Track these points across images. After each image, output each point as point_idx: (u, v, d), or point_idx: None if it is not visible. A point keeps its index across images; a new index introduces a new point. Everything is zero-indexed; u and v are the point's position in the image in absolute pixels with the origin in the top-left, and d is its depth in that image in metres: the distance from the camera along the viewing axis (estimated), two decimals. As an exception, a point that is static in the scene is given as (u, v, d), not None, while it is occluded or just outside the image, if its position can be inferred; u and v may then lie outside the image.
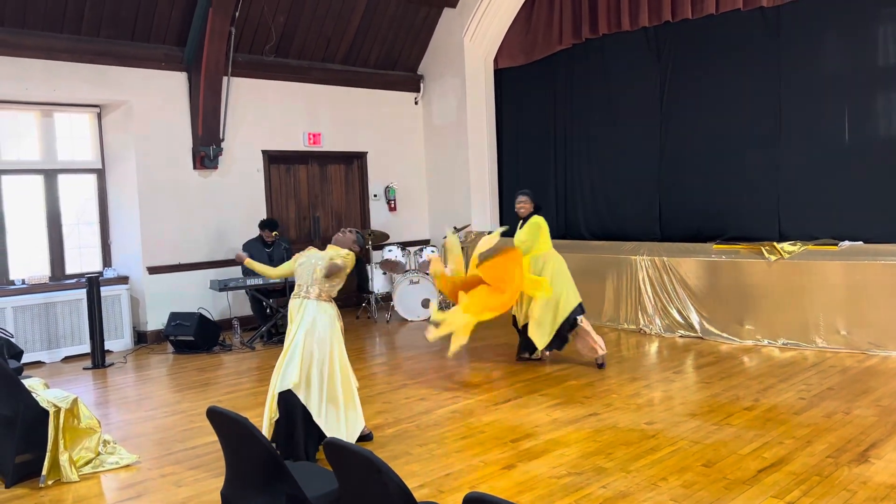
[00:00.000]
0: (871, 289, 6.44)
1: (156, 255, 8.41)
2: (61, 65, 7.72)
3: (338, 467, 2.57)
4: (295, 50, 9.63)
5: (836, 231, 7.14)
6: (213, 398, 5.94)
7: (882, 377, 5.69)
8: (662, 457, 4.23)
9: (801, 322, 6.83)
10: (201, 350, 7.79)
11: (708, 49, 8.23)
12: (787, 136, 7.64)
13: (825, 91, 7.37)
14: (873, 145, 7.10)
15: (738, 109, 7.96)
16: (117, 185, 8.50)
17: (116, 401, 6.09)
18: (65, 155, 8.29)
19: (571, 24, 9.44)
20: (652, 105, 8.80)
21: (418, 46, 10.86)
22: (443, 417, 5.15)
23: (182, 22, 8.37)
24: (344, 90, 10.19)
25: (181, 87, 8.62)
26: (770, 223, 7.73)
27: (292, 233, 9.81)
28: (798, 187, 7.55)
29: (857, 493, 3.62)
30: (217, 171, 8.90)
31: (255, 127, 9.28)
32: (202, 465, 4.43)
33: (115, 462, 4.47)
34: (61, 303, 7.72)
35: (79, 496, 4.05)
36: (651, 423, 4.83)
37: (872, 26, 7.08)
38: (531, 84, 10.25)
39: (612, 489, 3.80)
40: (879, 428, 4.53)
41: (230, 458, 3.05)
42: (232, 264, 8.75)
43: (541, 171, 10.16)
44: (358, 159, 10.51)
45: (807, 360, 6.33)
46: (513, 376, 6.27)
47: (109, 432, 4.91)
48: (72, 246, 8.37)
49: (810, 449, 4.23)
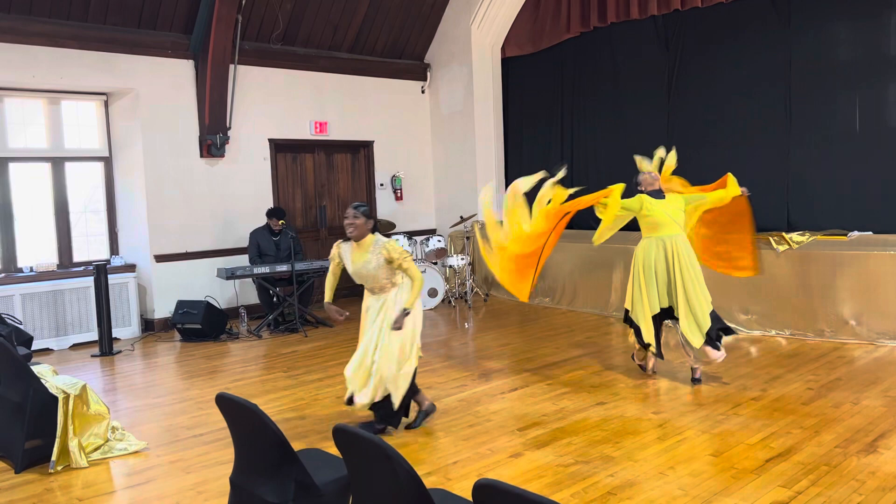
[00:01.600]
0: (880, 279, 6.40)
1: (163, 244, 8.42)
2: (68, 52, 7.71)
3: (347, 454, 2.58)
4: (302, 38, 9.60)
5: (846, 221, 7.09)
6: (221, 385, 5.96)
7: (891, 368, 5.66)
8: (670, 446, 4.22)
9: (809, 312, 6.80)
10: (208, 338, 7.81)
11: (717, 37, 8.17)
12: (797, 125, 7.58)
13: (835, 80, 7.30)
14: (884, 135, 7.03)
15: (748, 99, 7.90)
16: (124, 173, 8.51)
17: (124, 388, 6.12)
18: (72, 143, 8.30)
19: (579, 13, 9.37)
20: (660, 94, 8.73)
21: (425, 35, 10.81)
22: (450, 406, 5.16)
23: (189, 9, 8.35)
24: (350, 78, 10.16)
25: (188, 75, 8.61)
26: (779, 213, 7.68)
27: (299, 222, 9.81)
28: (807, 177, 7.50)
29: (865, 482, 3.61)
30: (224, 160, 8.89)
31: (262, 115, 9.26)
32: (210, 452, 4.45)
33: (124, 448, 4.50)
34: (69, 290, 7.75)
35: (88, 482, 4.07)
36: (658, 413, 4.83)
37: (884, 15, 6.99)
38: (539, 73, 10.20)
39: (619, 478, 3.80)
40: (888, 418, 4.51)
41: (239, 444, 3.06)
42: (239, 252, 8.77)
43: (547, 161, 10.09)
44: (364, 148, 10.49)
45: (815, 351, 6.31)
46: (519, 365, 6.27)
47: (118, 419, 4.94)
48: (79, 234, 8.39)
49: (818, 439, 4.22)
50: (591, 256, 8.55)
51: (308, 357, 6.87)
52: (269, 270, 7.96)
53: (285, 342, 7.59)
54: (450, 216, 10.56)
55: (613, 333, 7.46)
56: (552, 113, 10.05)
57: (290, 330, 8.03)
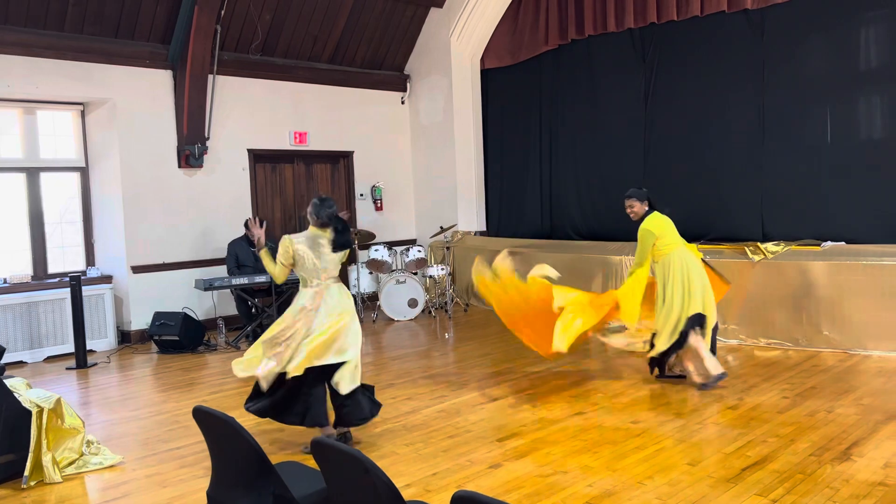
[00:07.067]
0: (853, 289, 6.51)
1: (140, 255, 8.34)
2: (44, 62, 7.64)
3: (325, 467, 2.57)
4: (281, 48, 9.60)
5: (819, 231, 7.21)
6: (199, 398, 5.90)
7: (864, 376, 5.75)
8: (648, 455, 4.25)
9: (784, 321, 6.89)
10: (186, 350, 7.74)
11: (693, 50, 8.29)
12: (771, 137, 7.70)
13: (808, 93, 7.44)
14: (855, 147, 7.18)
15: (723, 111, 8.03)
16: (101, 183, 8.43)
17: (100, 401, 6.04)
18: (48, 153, 8.21)
19: (558, 25, 9.48)
20: (637, 106, 8.84)
21: (405, 46, 10.85)
22: (429, 417, 5.15)
23: (167, 19, 8.32)
24: (330, 89, 10.17)
25: (166, 85, 8.56)
26: (753, 223, 7.80)
27: (278, 232, 9.75)
28: (781, 188, 7.62)
29: (839, 490, 3.66)
30: (202, 170, 8.84)
31: (241, 125, 9.23)
32: (187, 466, 4.40)
33: (99, 462, 4.43)
34: (44, 302, 7.64)
35: (62, 497, 4.01)
36: (636, 422, 4.86)
37: (855, 29, 7.15)
38: (517, 84, 10.28)
39: (597, 487, 3.82)
40: (861, 426, 4.58)
41: (216, 457, 3.04)
42: (217, 263, 8.71)
43: (527, 172, 10.20)
44: (344, 158, 10.48)
45: (790, 360, 6.38)
46: (498, 376, 6.28)
47: (93, 433, 4.87)
48: (55, 245, 8.29)
49: (794, 447, 4.27)
50: (570, 266, 8.59)
51: (287, 368, 6.82)
52: (247, 281, 7.91)
53: (264, 353, 7.52)
54: (430, 226, 10.58)
55: (593, 343, 7.49)
56: (531, 124, 10.13)
57: (268, 341, 7.96)
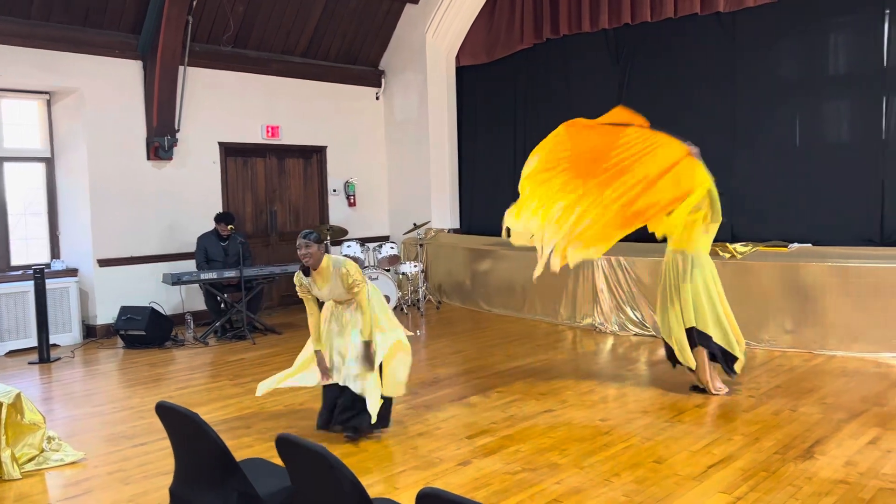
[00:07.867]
0: (818, 290, 6.61)
1: (107, 248, 8.20)
2: (8, 49, 7.46)
3: (290, 464, 2.54)
4: (254, 41, 9.49)
5: (787, 233, 7.33)
6: (164, 394, 5.82)
7: (827, 376, 5.85)
8: (615, 453, 4.28)
9: (751, 321, 6.97)
10: (153, 345, 7.62)
11: (666, 51, 8.36)
12: (741, 138, 7.80)
13: (778, 96, 7.55)
14: (823, 150, 7.30)
15: (694, 111, 8.10)
16: (67, 174, 8.26)
17: (62, 396, 5.92)
18: (11, 142, 8.02)
19: (533, 24, 9.50)
20: (610, 105, 8.75)
21: (380, 41, 10.79)
22: (399, 414, 5.13)
23: (137, 9, 8.17)
24: (303, 83, 10.08)
25: (135, 76, 8.42)
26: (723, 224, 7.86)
27: (248, 227, 9.66)
28: (750, 189, 7.71)
29: (802, 488, 3.71)
30: (172, 163, 8.71)
31: (212, 118, 9.11)
32: (151, 462, 4.33)
33: (60, 459, 4.34)
34: (6, 295, 7.48)
35: (21, 494, 3.92)
36: (605, 420, 4.89)
37: (824, 34, 7.27)
38: (492, 82, 10.28)
39: (565, 485, 3.83)
40: (824, 425, 4.65)
41: (179, 454, 2.99)
42: (186, 258, 8.59)
43: (501, 170, 10.20)
44: (317, 153, 10.40)
45: (756, 359, 6.47)
46: (470, 372, 6.28)
47: (55, 428, 4.78)
48: (18, 237, 8.11)
49: (758, 445, 4.32)
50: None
51: (256, 365, 6.76)
52: (216, 276, 7.81)
53: (232, 349, 7.45)
54: (403, 223, 10.54)
55: (564, 341, 7.53)
56: (505, 122, 10.14)
57: (237, 337, 7.89)
